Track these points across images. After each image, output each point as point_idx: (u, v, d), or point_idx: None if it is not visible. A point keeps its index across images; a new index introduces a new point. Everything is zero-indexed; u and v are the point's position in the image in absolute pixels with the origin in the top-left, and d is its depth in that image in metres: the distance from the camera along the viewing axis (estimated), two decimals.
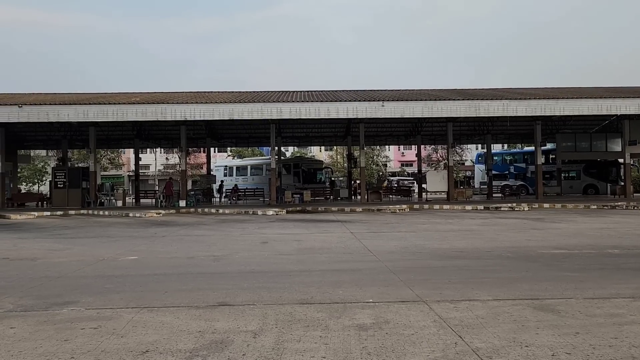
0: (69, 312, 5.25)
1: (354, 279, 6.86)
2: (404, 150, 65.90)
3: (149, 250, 10.30)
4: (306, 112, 23.63)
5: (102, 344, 4.14)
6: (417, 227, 14.51)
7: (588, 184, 33.95)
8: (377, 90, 31.18)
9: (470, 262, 8.28)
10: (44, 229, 15.87)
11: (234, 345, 4.06)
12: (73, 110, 23.21)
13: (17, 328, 4.65)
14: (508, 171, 37.91)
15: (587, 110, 24.02)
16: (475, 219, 17.24)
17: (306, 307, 5.31)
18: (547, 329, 4.41)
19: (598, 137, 31.47)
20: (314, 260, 8.58)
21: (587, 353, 3.80)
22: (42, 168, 52.16)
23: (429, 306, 5.27)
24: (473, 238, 11.73)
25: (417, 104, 23.90)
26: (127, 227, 15.89)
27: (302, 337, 4.27)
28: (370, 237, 12.20)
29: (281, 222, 17.43)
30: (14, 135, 31.24)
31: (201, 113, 23.54)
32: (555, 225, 14.78)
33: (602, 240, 10.91)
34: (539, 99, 23.95)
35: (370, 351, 3.90)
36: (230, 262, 8.56)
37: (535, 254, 9.04)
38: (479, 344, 4.04)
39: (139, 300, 5.69)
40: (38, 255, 9.80)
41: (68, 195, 26.71)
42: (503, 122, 30.20)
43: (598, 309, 5.10)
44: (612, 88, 30.38)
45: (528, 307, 5.16)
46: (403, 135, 37.58)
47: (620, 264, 7.92)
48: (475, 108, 23.80)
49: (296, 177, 34.98)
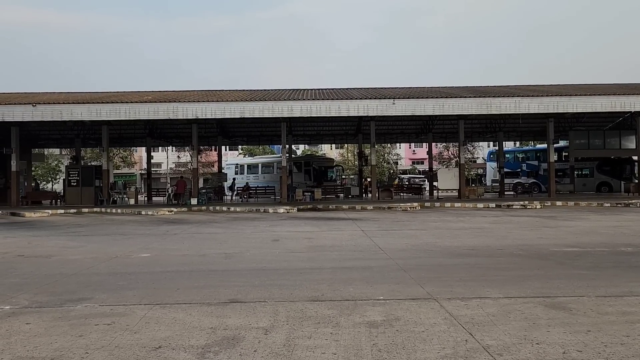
0: (83, 308, 5.32)
1: (364, 276, 6.88)
2: (415, 148, 65.71)
3: (161, 248, 10.39)
4: (317, 110, 23.65)
5: (115, 340, 4.20)
6: (428, 225, 14.48)
7: (601, 182, 33.58)
8: (388, 88, 31.14)
9: (482, 259, 8.25)
10: (58, 226, 16.06)
11: (246, 342, 4.10)
12: (86, 109, 23.45)
13: (33, 324, 4.73)
14: (520, 169, 37.64)
15: (601, 107, 23.76)
16: (487, 217, 17.16)
17: (317, 304, 5.34)
18: (559, 327, 4.39)
19: (611, 134, 31.13)
20: (325, 258, 8.61)
21: (599, 351, 3.78)
22: (56, 166, 52.72)
23: (440, 303, 5.27)
24: (484, 236, 11.68)
25: (428, 102, 23.82)
26: (140, 225, 16.03)
27: (313, 333, 4.30)
28: (381, 234, 12.20)
29: (292, 219, 17.48)
30: (28, 134, 31.62)
31: (212, 111, 23.67)
32: (568, 223, 14.67)
33: (615, 239, 10.81)
34: (552, 96, 23.75)
35: (381, 348, 3.91)
36: (242, 260, 8.61)
37: (547, 251, 8.99)
38: (489, 341, 4.04)
39: (152, 297, 5.75)
40: (52, 252, 9.93)
41: (81, 193, 26.97)
42: (515, 119, 30.01)
43: (610, 307, 5.07)
44: (625, 85, 30.02)
45: (539, 305, 5.15)
46: (414, 133, 37.46)
47: (633, 262, 7.85)
48: (487, 105, 23.65)
49: (307, 175, 35.03)
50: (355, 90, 28.94)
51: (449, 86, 31.88)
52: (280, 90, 30.06)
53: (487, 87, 30.66)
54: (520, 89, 28.35)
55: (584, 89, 26.55)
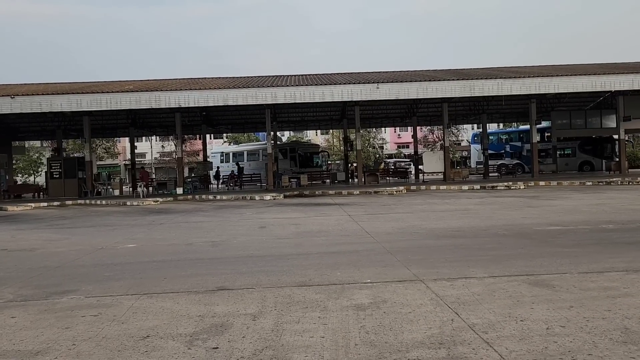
0: (69, 300, 5.29)
1: (351, 260, 6.92)
2: (400, 132, 65.82)
3: (148, 238, 10.33)
4: (301, 96, 23.58)
5: (103, 331, 4.18)
6: (414, 208, 14.58)
7: (583, 161, 34.03)
8: (372, 72, 31.06)
9: (467, 240, 8.35)
10: (42, 219, 15.88)
11: (234, 328, 4.11)
12: (66, 100, 23.06)
13: (18, 317, 4.70)
14: (504, 150, 37.95)
15: (582, 87, 24.02)
16: (472, 199, 17.32)
17: (305, 289, 5.37)
18: (542, 304, 4.47)
19: (593, 114, 31.49)
20: (312, 243, 8.64)
21: (581, 325, 3.86)
22: (38, 159, 51.96)
23: (426, 285, 5.33)
24: (469, 217, 11.80)
25: (412, 85, 23.86)
26: (125, 216, 15.92)
27: (301, 318, 4.33)
28: (368, 219, 12.26)
29: (279, 206, 17.47)
30: (7, 127, 31.10)
31: (195, 100, 23.45)
32: (551, 202, 14.87)
33: (597, 216, 11.00)
34: (534, 77, 23.90)
35: (369, 330, 3.95)
36: (229, 247, 8.61)
37: (530, 231, 9.12)
38: (475, 320, 4.10)
39: (139, 287, 5.73)
40: (36, 245, 9.83)
41: (64, 185, 26.63)
42: (498, 101, 30.21)
43: (592, 282, 5.18)
44: (606, 64, 30.31)
45: (523, 283, 5.23)
46: (399, 117, 37.54)
47: (614, 238, 8.01)
48: (470, 88, 23.77)
49: (293, 161, 34.95)
50: (339, 76, 28.83)
51: (433, 69, 31.91)
52: (263, 77, 29.84)
53: (470, 69, 30.74)
54: (502, 70, 28.47)
55: (565, 70, 26.76)
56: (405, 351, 3.47)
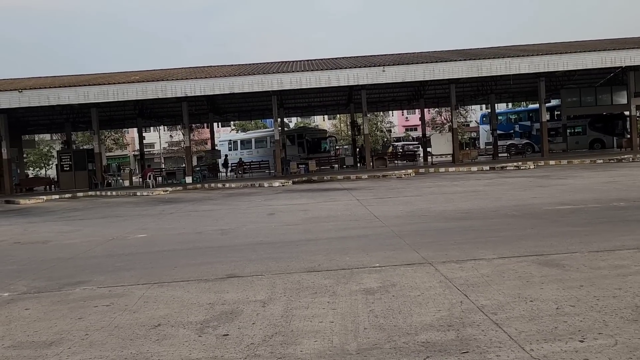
0: (82, 291, 5.35)
1: (360, 245, 6.93)
2: (407, 114, 65.45)
3: (158, 228, 10.41)
4: (307, 82, 23.50)
5: (115, 320, 4.23)
6: (422, 191, 14.54)
7: (594, 139, 33.63)
8: (377, 55, 30.81)
9: (476, 222, 8.32)
10: (53, 212, 16.04)
11: (244, 315, 4.14)
12: (73, 93, 23.16)
13: (32, 309, 4.76)
14: (513, 130, 37.64)
15: (591, 63, 23.64)
16: (481, 180, 17.23)
17: (314, 274, 5.39)
18: (552, 284, 4.46)
19: (603, 90, 31.04)
20: (321, 229, 8.65)
21: (591, 305, 3.85)
22: (48, 152, 52.37)
23: (435, 267, 5.32)
24: (478, 199, 11.75)
25: (418, 67, 23.65)
26: (135, 206, 16.03)
27: (310, 303, 4.35)
28: (376, 203, 12.25)
29: (287, 193, 17.50)
30: (17, 121, 31.24)
31: (201, 88, 23.46)
32: (561, 181, 14.75)
33: (608, 194, 10.90)
34: (542, 55, 23.59)
35: (378, 314, 3.96)
36: (238, 235, 8.65)
37: (540, 211, 9.06)
38: (484, 301, 4.09)
39: (149, 277, 5.79)
40: (49, 238, 9.93)
41: (75, 177, 26.86)
42: (506, 80, 29.87)
43: (602, 261, 5.14)
44: (616, 40, 29.79)
45: (533, 264, 5.21)
46: (406, 100, 37.27)
47: (625, 216, 7.93)
48: (478, 68, 23.51)
49: (300, 147, 34.94)
50: (345, 60, 28.63)
51: (439, 50, 31.57)
52: (269, 64, 29.71)
53: (477, 49, 30.35)
54: (510, 49, 28.11)
55: (574, 46, 26.35)
56: (415, 334, 3.48)
